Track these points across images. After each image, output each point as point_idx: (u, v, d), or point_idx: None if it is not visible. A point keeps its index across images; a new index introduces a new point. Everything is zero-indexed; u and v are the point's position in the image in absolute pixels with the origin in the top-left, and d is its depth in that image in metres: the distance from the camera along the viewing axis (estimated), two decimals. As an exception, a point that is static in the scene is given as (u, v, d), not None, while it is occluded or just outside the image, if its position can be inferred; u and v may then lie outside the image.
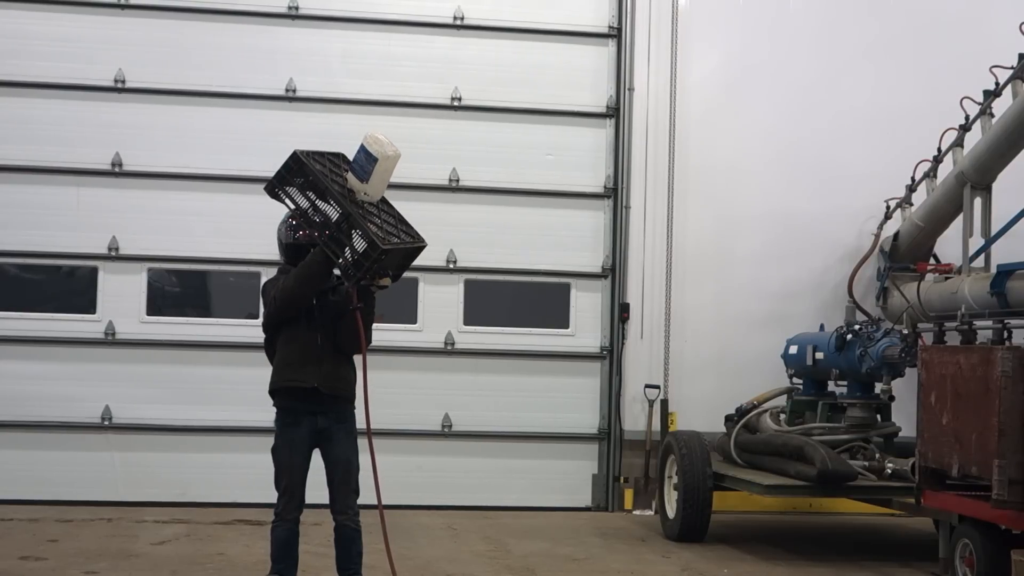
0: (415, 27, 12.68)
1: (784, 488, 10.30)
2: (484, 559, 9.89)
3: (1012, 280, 9.92)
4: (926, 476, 9.27)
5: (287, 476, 7.37)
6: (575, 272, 12.84)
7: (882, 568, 9.95)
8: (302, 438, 7.37)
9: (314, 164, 7.28)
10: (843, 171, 12.95)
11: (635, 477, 12.62)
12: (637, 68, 12.84)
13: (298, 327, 7.37)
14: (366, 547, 7.50)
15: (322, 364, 7.35)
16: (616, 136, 12.87)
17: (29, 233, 12.09)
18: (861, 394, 10.93)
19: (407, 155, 7.67)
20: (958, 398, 8.79)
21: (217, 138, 12.34)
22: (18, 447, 11.93)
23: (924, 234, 11.99)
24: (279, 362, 7.45)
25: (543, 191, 12.76)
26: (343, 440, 7.43)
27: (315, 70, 12.53)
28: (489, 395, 12.58)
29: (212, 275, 12.66)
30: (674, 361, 12.71)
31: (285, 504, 7.38)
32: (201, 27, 12.40)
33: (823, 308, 12.64)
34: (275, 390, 7.46)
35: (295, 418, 7.38)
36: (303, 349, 7.35)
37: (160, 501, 11.88)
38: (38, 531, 10.52)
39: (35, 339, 12.02)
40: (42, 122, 12.16)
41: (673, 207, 12.80)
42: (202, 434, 12.12)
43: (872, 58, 13.11)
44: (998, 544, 8.37)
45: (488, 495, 12.49)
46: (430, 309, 12.63)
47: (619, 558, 10.12)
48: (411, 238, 7.50)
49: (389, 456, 12.28)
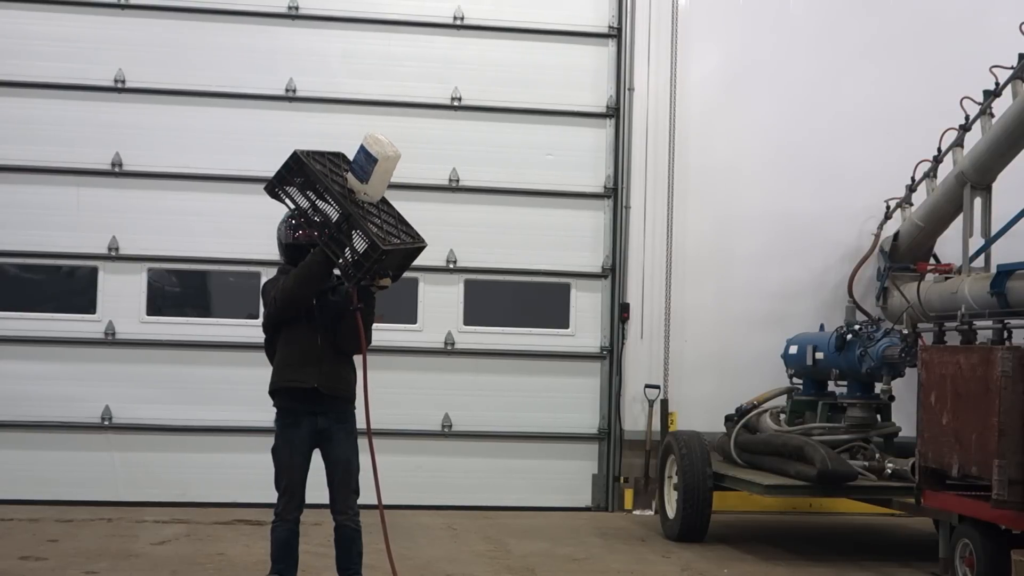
0: (415, 27, 12.69)
1: (784, 488, 10.30)
2: (484, 559, 9.88)
3: (1012, 280, 9.91)
4: (926, 476, 9.26)
5: (287, 476, 7.37)
6: (575, 272, 12.84)
7: (882, 568, 9.95)
8: (302, 438, 7.37)
9: (314, 164, 7.28)
10: (843, 171, 12.95)
11: (635, 477, 12.62)
12: (637, 68, 12.85)
13: (298, 327, 7.36)
14: (366, 547, 7.50)
15: (322, 364, 7.35)
16: (616, 136, 12.87)
17: (29, 233, 12.09)
18: (861, 394, 10.93)
19: (407, 155, 7.67)
20: (958, 398, 8.79)
21: (217, 138, 12.34)
22: (18, 447, 11.94)
23: (924, 234, 11.99)
24: (279, 363, 7.45)
25: (543, 191, 12.76)
26: (343, 440, 7.43)
27: (315, 70, 12.54)
28: (489, 395, 12.58)
29: (212, 275, 12.66)
30: (674, 361, 12.71)
31: (285, 504, 7.39)
32: (201, 27, 12.40)
33: (823, 308, 12.64)
34: (275, 391, 7.46)
35: (295, 419, 7.38)
36: (303, 350, 7.35)
37: (160, 501, 11.88)
38: (38, 531, 10.52)
39: (35, 339, 12.03)
40: (42, 122, 12.16)
41: (673, 207, 12.81)
42: (202, 434, 12.12)
43: (872, 58, 13.11)
44: (998, 544, 8.37)
45: (488, 495, 12.49)
46: (430, 309, 12.63)
47: (619, 558, 10.12)
48: (411, 238, 7.50)
49: (389, 456, 12.28)
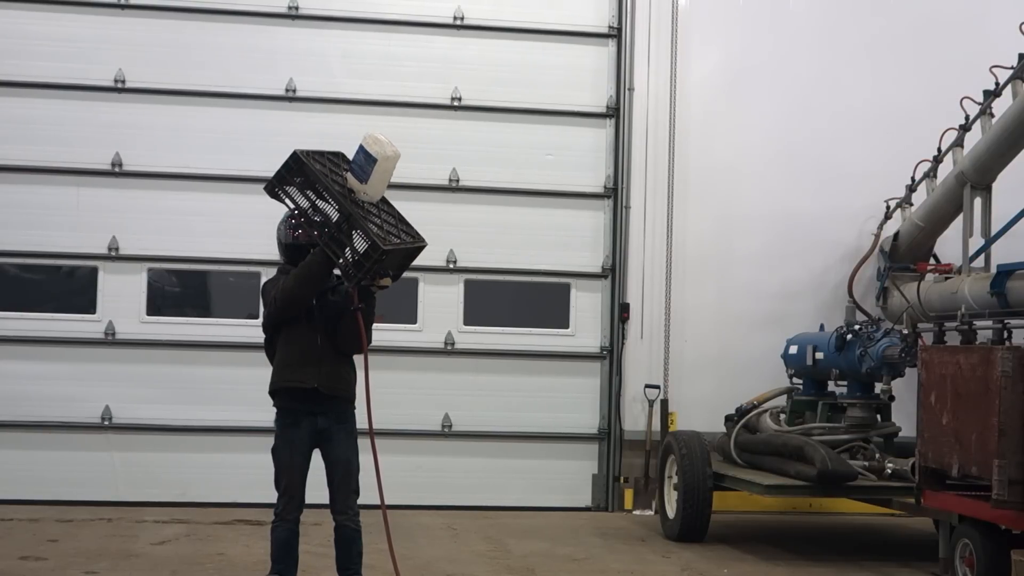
0: (415, 27, 12.68)
1: (784, 488, 10.30)
2: (484, 559, 9.89)
3: (1012, 280, 9.91)
4: (926, 476, 9.26)
5: (287, 476, 7.37)
6: (575, 272, 12.84)
7: (882, 568, 9.95)
8: (302, 438, 7.37)
9: (314, 164, 7.27)
10: (843, 171, 12.94)
11: (635, 477, 12.62)
12: (637, 68, 12.84)
13: (298, 328, 7.35)
14: (367, 547, 7.50)
15: (322, 365, 7.34)
16: (616, 136, 12.87)
17: (29, 233, 12.09)
18: (861, 394, 10.93)
19: (407, 155, 7.67)
20: (958, 398, 8.79)
21: (217, 138, 12.34)
22: (18, 447, 11.94)
23: (924, 234, 11.99)
24: (279, 363, 7.44)
25: (543, 191, 12.76)
26: (343, 440, 7.42)
27: (315, 70, 12.53)
28: (489, 395, 12.58)
29: (212, 275, 12.66)
30: (674, 361, 12.71)
31: (285, 504, 7.38)
32: (201, 27, 12.40)
33: (823, 308, 12.64)
34: (275, 391, 7.45)
35: (295, 419, 7.37)
36: (303, 350, 7.34)
37: (160, 501, 11.88)
38: (38, 531, 10.52)
39: (35, 339, 12.03)
40: (42, 122, 12.16)
41: (673, 207, 12.81)
42: (202, 434, 12.12)
43: (872, 58, 13.11)
44: (998, 544, 8.37)
45: (488, 495, 12.49)
46: (430, 309, 12.63)
47: (619, 558, 10.12)
48: (411, 238, 7.49)
49: (389, 456, 12.18)
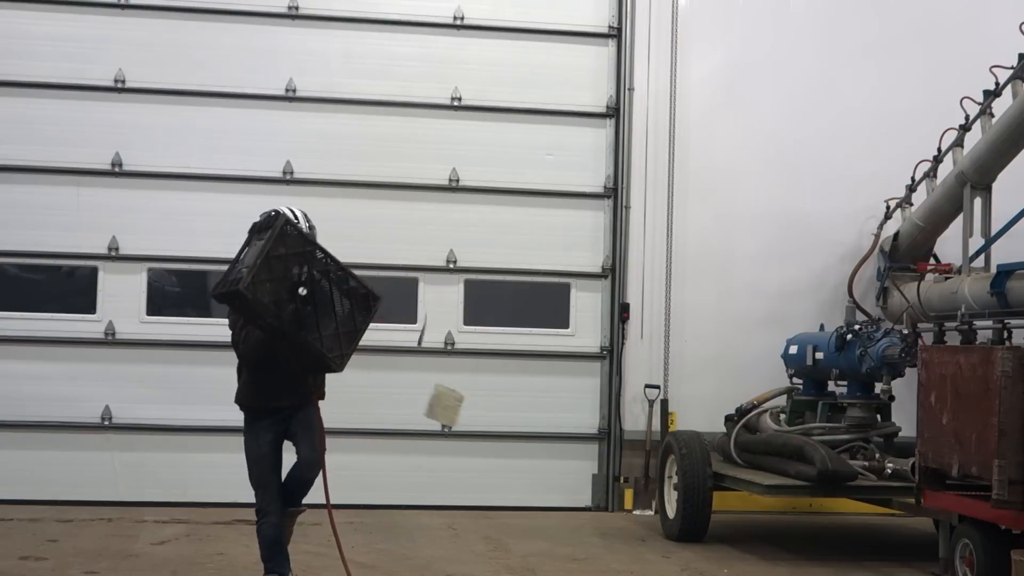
0: (415, 27, 12.67)
1: (784, 488, 10.29)
2: (484, 559, 9.88)
3: (1012, 280, 9.91)
4: (926, 476, 9.26)
5: (257, 468, 7.73)
6: (575, 272, 12.83)
7: (882, 568, 9.95)
8: (266, 427, 7.73)
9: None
10: (843, 171, 12.94)
11: (635, 477, 12.61)
12: (637, 68, 12.84)
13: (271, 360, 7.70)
14: (366, 546, 7.57)
15: (298, 388, 7.74)
16: (616, 136, 12.87)
17: (29, 233, 12.08)
18: (861, 394, 10.92)
19: (407, 155, 7.68)
20: (958, 398, 8.79)
21: (217, 138, 12.33)
22: (18, 447, 11.93)
23: (924, 234, 11.99)
24: (255, 386, 7.77)
25: (543, 191, 12.75)
26: (304, 418, 7.80)
27: (315, 70, 12.52)
28: (489, 395, 12.52)
29: (212, 275, 12.58)
30: (674, 361, 12.70)
31: (262, 496, 7.70)
32: (201, 27, 12.39)
33: (823, 308, 12.64)
34: (249, 406, 7.81)
35: (258, 414, 7.80)
36: (281, 378, 7.68)
37: (160, 501, 11.88)
38: (38, 531, 10.52)
39: (35, 339, 12.02)
40: (42, 122, 12.15)
41: (673, 207, 12.80)
42: (202, 434, 12.09)
43: (872, 58, 13.10)
44: (998, 544, 8.36)
45: (488, 495, 12.48)
46: (430, 309, 12.62)
47: (619, 558, 10.11)
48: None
49: (389, 456, 12.41)
